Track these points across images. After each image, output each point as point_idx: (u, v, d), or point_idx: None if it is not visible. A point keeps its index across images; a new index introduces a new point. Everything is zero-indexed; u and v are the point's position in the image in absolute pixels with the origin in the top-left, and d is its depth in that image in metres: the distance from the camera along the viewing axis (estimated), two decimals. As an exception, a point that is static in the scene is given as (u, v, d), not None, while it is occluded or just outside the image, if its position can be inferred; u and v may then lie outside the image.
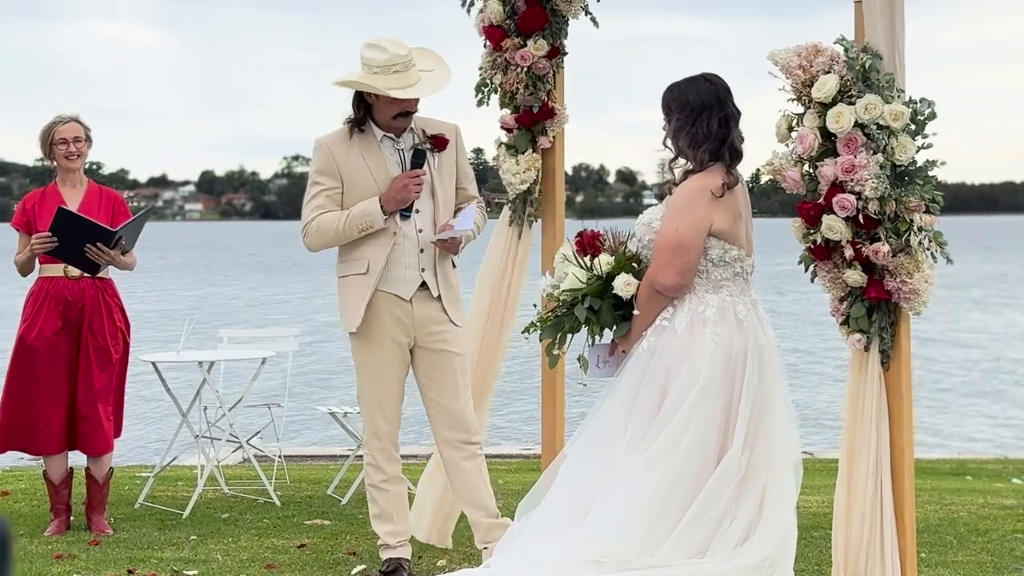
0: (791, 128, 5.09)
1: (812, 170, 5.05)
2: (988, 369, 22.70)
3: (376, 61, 5.54)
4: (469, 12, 6.48)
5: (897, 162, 4.94)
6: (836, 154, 4.99)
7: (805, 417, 14.84)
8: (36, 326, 6.82)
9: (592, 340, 5.12)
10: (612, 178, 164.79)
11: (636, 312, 4.99)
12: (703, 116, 4.98)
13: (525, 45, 6.35)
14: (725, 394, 4.86)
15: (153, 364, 7.65)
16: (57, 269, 6.85)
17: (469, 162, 5.94)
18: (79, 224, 6.64)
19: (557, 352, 5.21)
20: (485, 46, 6.45)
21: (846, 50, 4.99)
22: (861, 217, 4.97)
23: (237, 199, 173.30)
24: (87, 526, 6.89)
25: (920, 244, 5.00)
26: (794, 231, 5.14)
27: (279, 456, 8.37)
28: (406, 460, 6.21)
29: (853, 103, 4.94)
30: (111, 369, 6.90)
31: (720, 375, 4.85)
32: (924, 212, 4.99)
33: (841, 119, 4.92)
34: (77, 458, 7.05)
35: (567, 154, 6.59)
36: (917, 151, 4.96)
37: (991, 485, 9.24)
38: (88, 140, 7.01)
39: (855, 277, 5.05)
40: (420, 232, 5.69)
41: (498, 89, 6.44)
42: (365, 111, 5.68)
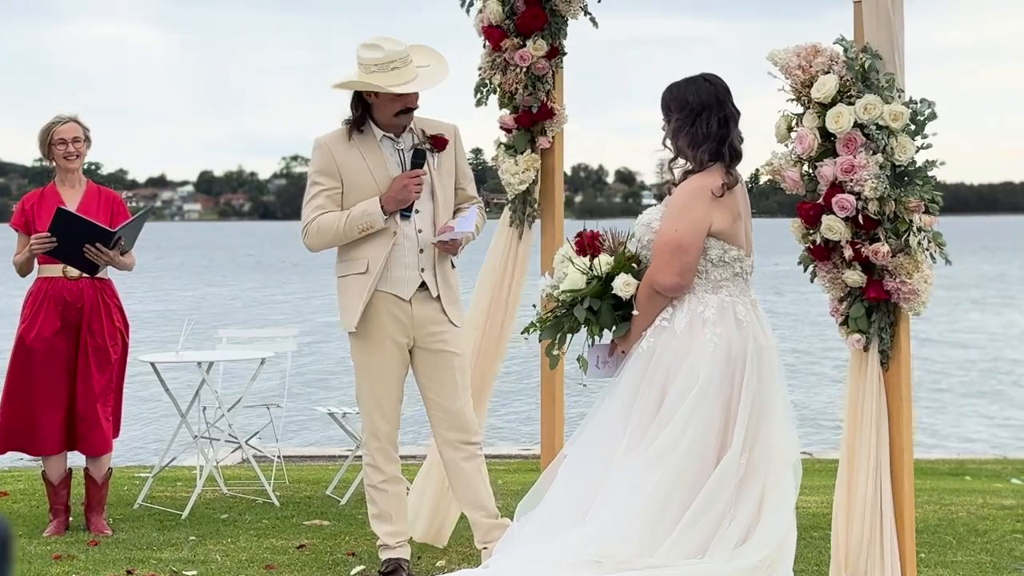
0: (790, 128, 5.09)
1: (811, 170, 5.05)
2: (986, 369, 22.67)
3: (374, 59, 5.53)
4: (468, 12, 6.48)
5: (896, 162, 4.94)
6: (835, 154, 4.98)
7: (803, 417, 14.82)
8: (35, 326, 6.81)
9: (592, 340, 5.12)
10: (611, 178, 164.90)
11: (635, 312, 4.98)
12: (702, 116, 4.98)
13: (524, 45, 6.35)
14: (724, 394, 4.86)
15: (152, 364, 7.64)
16: (56, 269, 6.85)
17: (468, 162, 5.94)
18: (78, 224, 6.63)
19: (557, 352, 5.21)
20: (484, 46, 6.45)
21: (845, 50, 4.99)
22: (860, 217, 4.96)
23: (236, 199, 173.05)
24: (86, 527, 6.88)
25: (919, 244, 5.00)
26: (793, 231, 5.14)
27: (278, 456, 8.36)
28: (405, 460, 6.20)
29: (852, 103, 4.93)
30: (110, 369, 6.89)
31: (719, 375, 4.85)
32: (923, 212, 4.99)
33: (840, 119, 4.92)
34: (76, 459, 7.04)
35: (566, 154, 6.59)
36: (916, 151, 4.96)
37: (990, 485, 9.24)
38: (87, 140, 7.00)
39: (854, 277, 5.05)
40: (420, 232, 5.69)
41: (497, 89, 6.44)
42: (364, 111, 5.67)
